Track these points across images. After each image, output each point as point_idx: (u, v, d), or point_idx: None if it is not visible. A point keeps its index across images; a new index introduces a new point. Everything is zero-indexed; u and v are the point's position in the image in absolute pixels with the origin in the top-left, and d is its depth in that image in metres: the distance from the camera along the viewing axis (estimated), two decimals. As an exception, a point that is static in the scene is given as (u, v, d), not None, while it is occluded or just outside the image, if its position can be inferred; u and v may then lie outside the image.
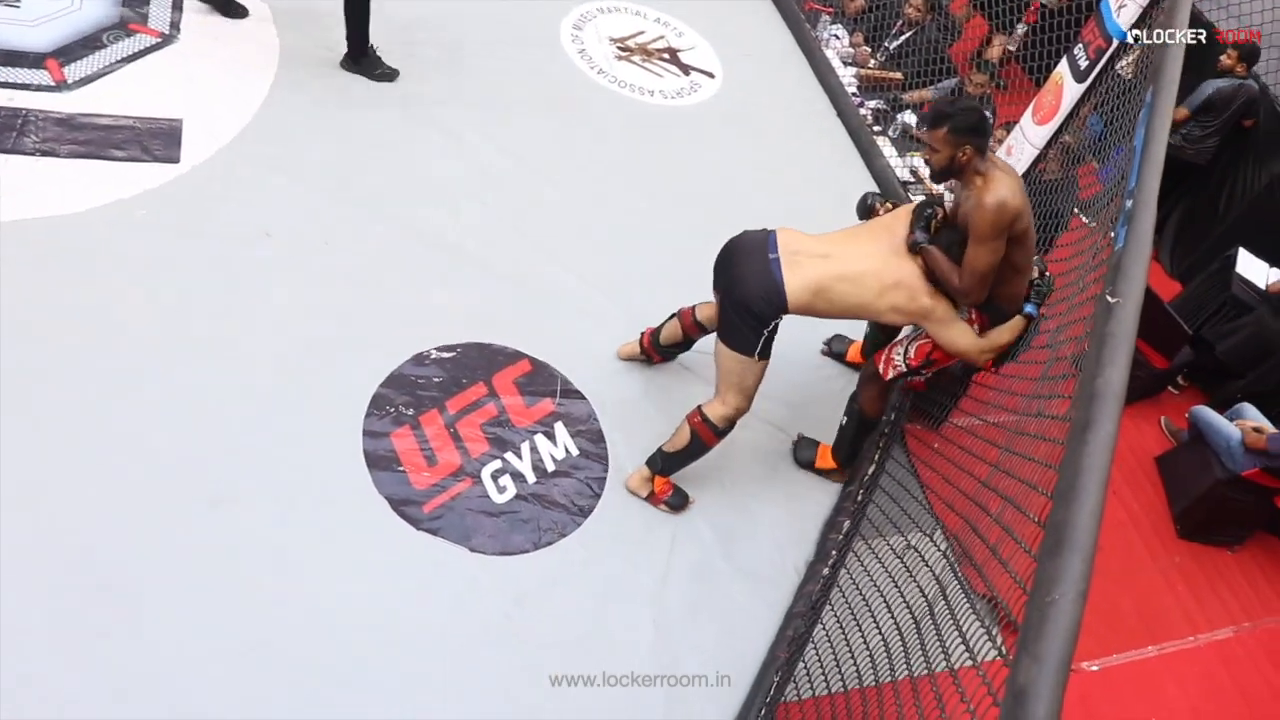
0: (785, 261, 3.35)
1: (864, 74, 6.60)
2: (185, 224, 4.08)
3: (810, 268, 3.35)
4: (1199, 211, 6.65)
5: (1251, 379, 5.61)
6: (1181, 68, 3.22)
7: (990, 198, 3.16)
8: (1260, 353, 5.56)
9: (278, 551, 3.23)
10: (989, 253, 3.22)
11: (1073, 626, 1.64)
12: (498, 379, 3.97)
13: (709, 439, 3.65)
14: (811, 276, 3.34)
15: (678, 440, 3.69)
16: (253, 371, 3.68)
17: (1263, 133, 6.28)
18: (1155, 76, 3.18)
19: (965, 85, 6.12)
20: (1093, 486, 1.87)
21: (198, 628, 2.98)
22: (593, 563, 3.55)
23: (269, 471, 3.42)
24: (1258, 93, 6.25)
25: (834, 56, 6.61)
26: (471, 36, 5.53)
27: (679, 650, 3.40)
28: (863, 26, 7.04)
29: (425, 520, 3.47)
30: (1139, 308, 2.34)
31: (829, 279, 3.35)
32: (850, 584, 3.50)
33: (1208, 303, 5.96)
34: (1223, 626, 4.78)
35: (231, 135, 4.52)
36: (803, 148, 5.77)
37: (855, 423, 3.95)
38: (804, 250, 3.40)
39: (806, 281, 3.34)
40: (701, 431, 3.63)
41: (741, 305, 3.39)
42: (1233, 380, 5.70)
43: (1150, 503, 5.28)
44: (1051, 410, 2.75)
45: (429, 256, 4.33)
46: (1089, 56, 4.15)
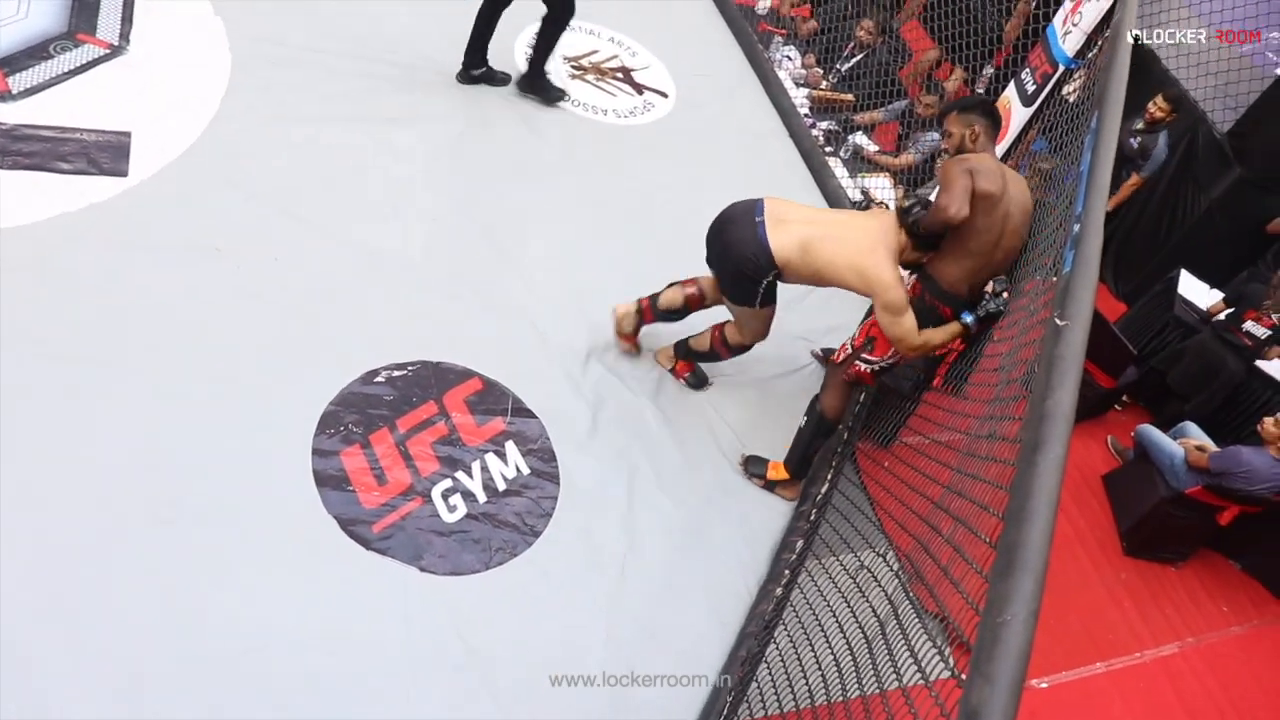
0: (770, 224, 3.66)
1: (816, 95, 6.67)
2: (133, 238, 4.01)
3: (796, 229, 3.66)
4: (1143, 234, 6.78)
5: (1198, 402, 5.73)
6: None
7: (970, 157, 3.48)
8: (1206, 376, 5.68)
9: (225, 571, 3.17)
10: (961, 177, 3.40)
11: (1024, 647, 1.65)
12: (448, 397, 3.94)
13: (723, 353, 4.17)
14: (797, 235, 3.65)
15: (700, 342, 4.22)
16: (201, 388, 3.62)
17: (1202, 159, 6.42)
18: (1100, 102, 3.23)
19: (915, 107, 6.19)
20: (1043, 508, 1.88)
21: (142, 647, 2.91)
22: (544, 582, 3.52)
23: (217, 490, 3.36)
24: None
25: (786, 78, 6.67)
26: (426, 54, 5.51)
27: (632, 671, 3.38)
28: (815, 48, 7.12)
29: (375, 540, 3.43)
30: (1087, 330, 2.37)
31: (815, 238, 3.64)
32: (803, 603, 3.51)
33: (1152, 323, 6.08)
34: (1168, 642, 4.85)
35: (182, 149, 4.45)
36: (755, 167, 5.80)
37: (812, 424, 4.01)
38: (790, 216, 3.71)
39: (793, 239, 3.64)
40: (718, 345, 4.16)
41: (735, 270, 3.75)
42: (1178, 402, 5.81)
43: (1097, 520, 5.36)
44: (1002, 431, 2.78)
45: (380, 274, 4.29)
46: (1036, 81, 4.22)
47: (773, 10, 7.33)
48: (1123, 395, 6.03)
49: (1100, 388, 5.68)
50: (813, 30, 7.24)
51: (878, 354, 3.80)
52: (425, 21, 5.73)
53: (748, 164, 5.81)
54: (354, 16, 5.52)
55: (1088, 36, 3.96)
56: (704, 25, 6.89)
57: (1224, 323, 5.70)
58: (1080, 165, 3.12)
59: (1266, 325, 5.57)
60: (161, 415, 3.49)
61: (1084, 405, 5.50)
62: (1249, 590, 5.32)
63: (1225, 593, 5.25)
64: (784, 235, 3.64)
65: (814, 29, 7.24)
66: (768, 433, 4.30)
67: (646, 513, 3.84)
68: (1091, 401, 5.72)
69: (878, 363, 3.81)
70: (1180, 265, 6.21)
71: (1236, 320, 5.64)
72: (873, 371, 3.86)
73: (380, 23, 5.59)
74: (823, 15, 7.29)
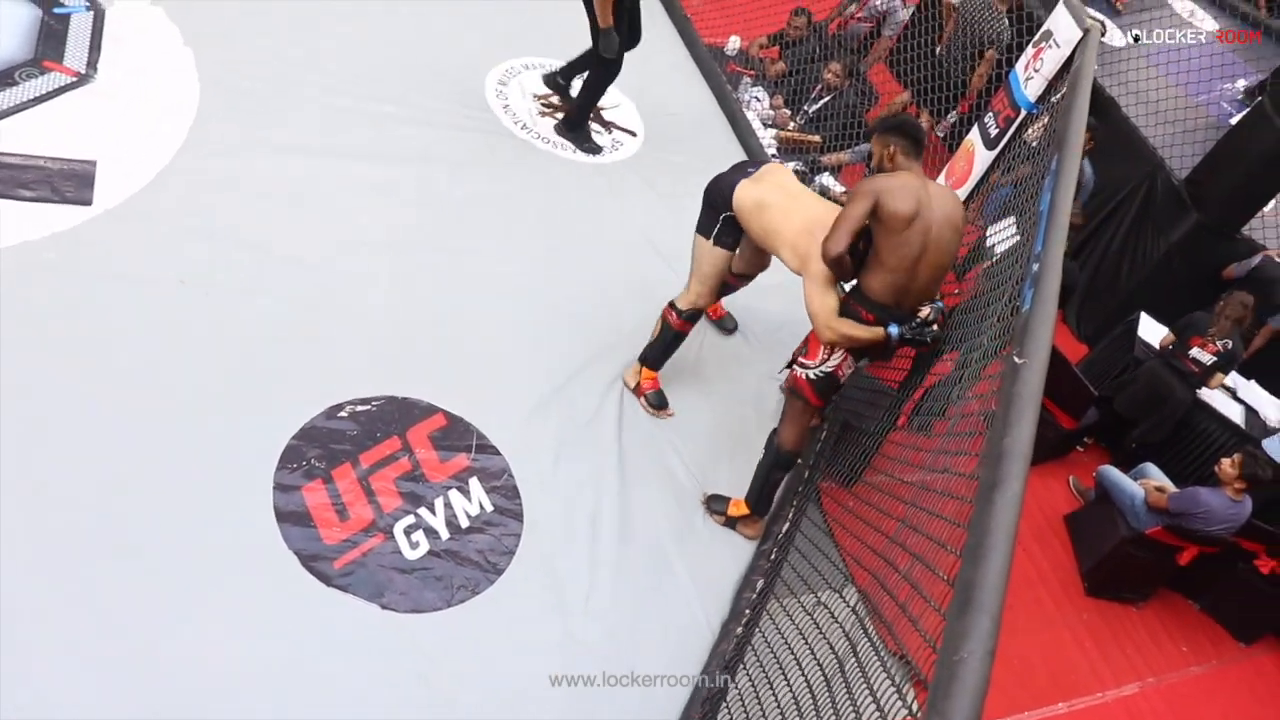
0: (751, 178, 3.93)
1: (783, 136, 6.74)
2: (96, 268, 3.97)
3: (764, 190, 3.88)
4: (1104, 277, 6.88)
5: (1146, 428, 5.81)
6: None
7: (879, 177, 3.58)
8: (1153, 401, 5.76)
9: (181, 607, 3.12)
10: (852, 208, 3.50)
11: (980, 685, 1.65)
12: (412, 433, 3.91)
13: (677, 325, 4.27)
14: (760, 193, 3.87)
15: (655, 331, 4.35)
16: (161, 420, 3.58)
17: (1161, 204, 6.54)
18: (1060, 145, 3.29)
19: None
20: (1000, 545, 1.90)
21: (93, 685, 2.86)
22: (506, 622, 3.49)
23: (174, 523, 3.31)
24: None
25: (754, 118, 6.73)
26: (396, 89, 5.52)
27: (594, 712, 3.35)
28: (783, 90, 7.20)
29: (336, 577, 3.39)
30: (1045, 368, 2.40)
31: (772, 203, 3.83)
32: (764, 643, 3.50)
33: (1113, 365, 6.16)
34: (1129, 682, 4.88)
35: (148, 178, 4.42)
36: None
37: (770, 457, 4.02)
38: (769, 180, 3.93)
39: (754, 194, 3.87)
40: (669, 316, 4.26)
41: (706, 199, 4.05)
42: (1132, 428, 5.89)
43: (1059, 560, 5.38)
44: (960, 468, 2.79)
45: (345, 308, 4.27)
46: (999, 125, 4.29)
47: (742, 52, 7.41)
48: (1084, 436, 6.09)
49: (1062, 428, 5.74)
50: (781, 72, 7.32)
51: (811, 356, 3.81)
52: (395, 55, 5.75)
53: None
54: (323, 50, 5.52)
55: (1049, 82, 4.04)
56: (673, 65, 6.95)
57: (1171, 351, 5.79)
58: (1040, 205, 3.17)
59: (1211, 351, 5.67)
60: (120, 448, 3.45)
61: (1046, 446, 5.64)
62: (1208, 630, 5.36)
63: (1185, 633, 5.29)
64: (751, 188, 3.89)
65: (782, 70, 7.32)
66: (730, 471, 4.30)
67: (609, 551, 3.82)
68: (1054, 442, 5.77)
69: (813, 367, 3.80)
70: (1140, 308, 6.30)
71: (1183, 347, 5.73)
72: (809, 380, 3.83)
73: (349, 56, 5.59)
74: (791, 58, 7.38)
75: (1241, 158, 6.12)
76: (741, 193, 3.89)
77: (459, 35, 6.15)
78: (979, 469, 2.30)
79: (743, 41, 7.46)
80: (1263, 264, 6.22)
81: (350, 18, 5.85)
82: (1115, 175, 6.82)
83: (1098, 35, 3.87)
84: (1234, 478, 4.90)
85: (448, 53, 5.97)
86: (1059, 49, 3.95)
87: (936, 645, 1.87)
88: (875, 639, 2.90)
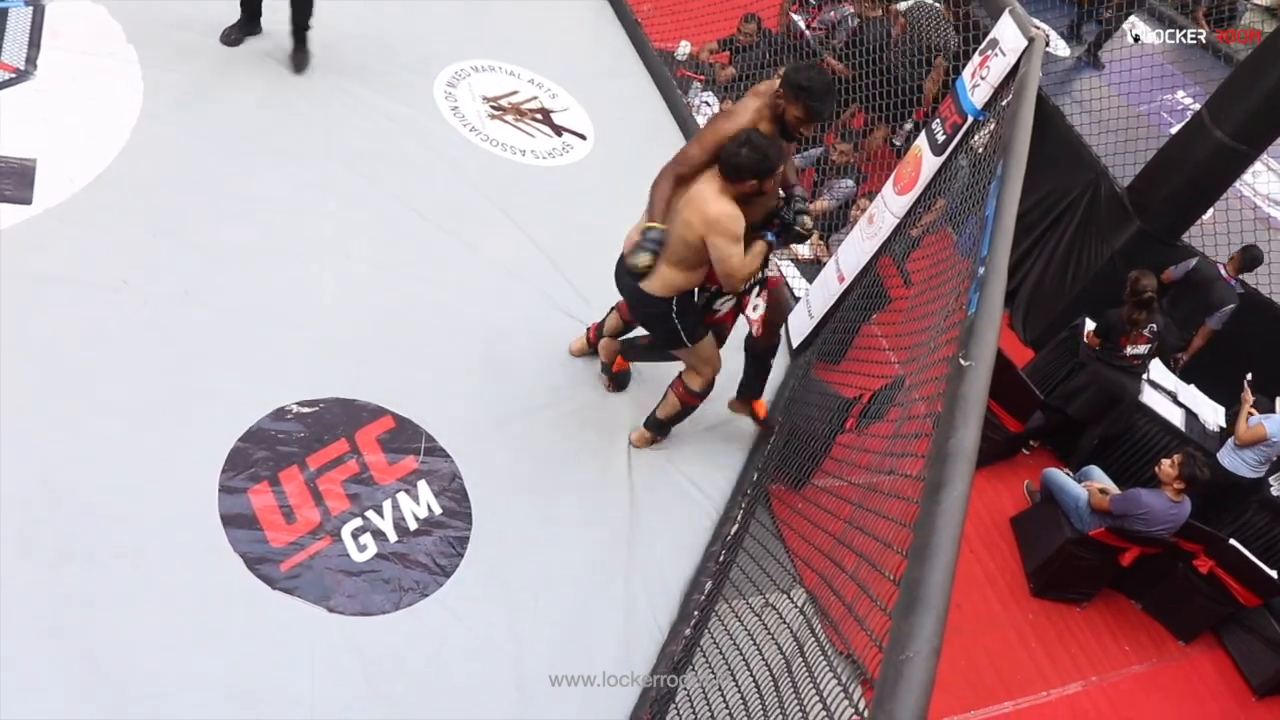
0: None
1: (734, 140, 6.75)
2: (36, 268, 3.89)
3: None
4: (1049, 282, 6.99)
5: (1106, 424, 5.92)
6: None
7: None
8: (1110, 401, 5.87)
9: (123, 613, 3.07)
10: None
11: (926, 684, 1.66)
12: (360, 435, 3.87)
13: (691, 402, 4.16)
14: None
15: (667, 407, 4.21)
16: (103, 423, 3.51)
17: (1104, 212, 6.66)
18: (1005, 151, 3.33)
19: (830, 154, 6.32)
20: (946, 545, 1.91)
21: (36, 689, 2.80)
22: (454, 624, 3.47)
23: (117, 527, 3.25)
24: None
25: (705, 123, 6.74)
26: (344, 91, 5.46)
27: (542, 712, 3.34)
28: (733, 94, 7.22)
29: (282, 579, 3.35)
30: (990, 371, 2.42)
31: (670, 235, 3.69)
32: (712, 644, 3.50)
33: (1058, 369, 6.25)
34: (1073, 681, 4.96)
35: (89, 177, 4.34)
36: (674, 210, 5.84)
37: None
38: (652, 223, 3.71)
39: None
40: (685, 399, 4.14)
41: (647, 316, 3.95)
42: (1090, 428, 5.99)
43: (1005, 561, 5.46)
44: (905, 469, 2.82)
45: (291, 309, 4.22)
46: (946, 131, 4.33)
47: (692, 56, 7.43)
48: (1030, 440, 6.17)
49: (1009, 432, 5.81)
50: (731, 77, 7.35)
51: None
52: (342, 56, 5.69)
53: (666, 206, 5.84)
54: (268, 50, 5.46)
55: (994, 90, 4.09)
56: (623, 69, 6.95)
57: (1105, 352, 5.90)
58: (986, 210, 3.21)
59: (1143, 342, 5.80)
60: (60, 451, 3.38)
61: (993, 448, 5.72)
62: (1149, 630, 5.46)
63: (1127, 632, 5.39)
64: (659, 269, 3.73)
65: (732, 75, 7.35)
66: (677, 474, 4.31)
67: (558, 553, 3.81)
68: (1000, 445, 5.85)
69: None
70: (1085, 313, 6.40)
71: (1117, 349, 5.84)
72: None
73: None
74: (741, 63, 7.42)
75: (1180, 167, 6.25)
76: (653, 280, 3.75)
77: (408, 37, 6.10)
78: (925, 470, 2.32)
79: (693, 47, 7.49)
80: (1198, 266, 6.36)
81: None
82: (1060, 183, 6.93)
83: (1042, 44, 3.93)
84: (1174, 478, 4.99)
85: (396, 54, 5.91)
86: (1005, 57, 3.99)
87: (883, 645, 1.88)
88: (823, 639, 2.92)
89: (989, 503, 5.72)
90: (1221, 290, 6.33)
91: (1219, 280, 6.33)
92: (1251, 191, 7.79)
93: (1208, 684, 5.33)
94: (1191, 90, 7.97)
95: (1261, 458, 5.71)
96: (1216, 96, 6.21)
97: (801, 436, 4.44)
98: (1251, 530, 5.85)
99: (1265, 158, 7.10)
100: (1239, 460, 5.71)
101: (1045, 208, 7.02)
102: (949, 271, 3.89)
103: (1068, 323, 6.52)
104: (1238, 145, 6.07)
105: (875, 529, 2.69)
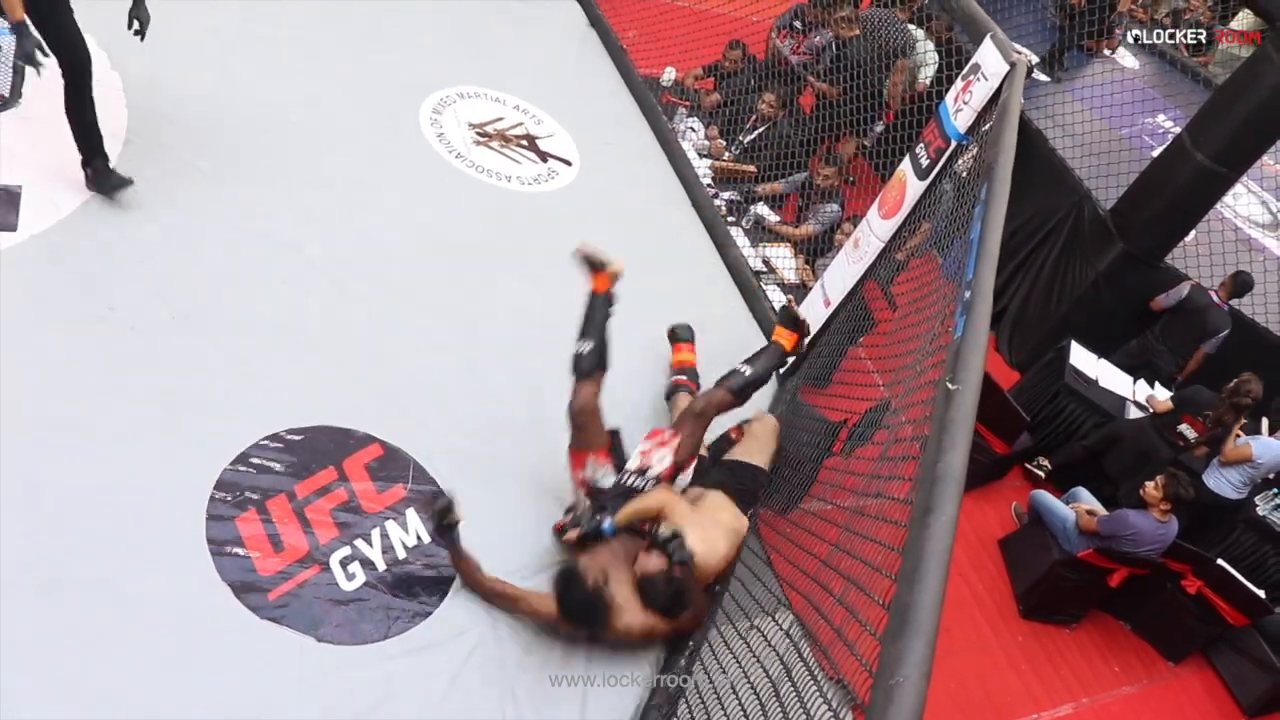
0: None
1: (718, 166, 6.80)
2: (21, 295, 3.87)
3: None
4: (1035, 305, 7.03)
5: (1127, 489, 5.89)
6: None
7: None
8: (1138, 464, 5.88)
9: (108, 642, 3.03)
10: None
11: (916, 708, 1.67)
12: (349, 463, 3.86)
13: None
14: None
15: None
16: (89, 451, 3.49)
17: (1088, 235, 6.71)
18: (989, 175, 3.36)
19: (814, 179, 6.35)
20: (934, 569, 1.92)
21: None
22: (444, 652, 3.45)
23: (103, 555, 3.22)
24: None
25: (690, 148, 6.78)
26: (330, 117, 5.48)
27: (533, 741, 3.32)
28: (718, 120, 7.27)
29: (269, 608, 3.33)
30: (978, 394, 2.43)
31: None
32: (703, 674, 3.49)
33: (1044, 391, 6.29)
34: (1063, 703, 4.96)
35: (75, 204, 4.32)
36: (658, 237, 5.85)
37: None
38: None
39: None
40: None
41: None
42: (1124, 483, 5.98)
43: (994, 583, 5.47)
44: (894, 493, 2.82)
45: (279, 337, 4.21)
46: (930, 156, 4.37)
47: (677, 82, 7.48)
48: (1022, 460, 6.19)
49: (996, 454, 5.83)
50: (716, 103, 7.40)
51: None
52: (327, 83, 5.71)
53: (651, 233, 5.86)
54: (253, 77, 5.47)
55: (977, 114, 4.13)
56: (609, 95, 6.99)
57: (1163, 421, 5.93)
58: (970, 234, 3.23)
59: (1199, 430, 5.83)
60: (46, 478, 3.35)
61: (980, 470, 5.73)
62: (1138, 650, 5.47)
63: (1116, 653, 5.39)
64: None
65: (717, 101, 7.40)
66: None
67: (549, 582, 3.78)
68: (987, 467, 5.87)
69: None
70: (1070, 335, 6.45)
71: (1175, 420, 5.88)
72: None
73: (279, 86, 5.55)
74: (726, 89, 7.47)
75: (1162, 190, 6.31)
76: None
77: (392, 64, 6.12)
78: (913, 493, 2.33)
79: (678, 73, 7.53)
80: (1191, 294, 6.41)
81: (280, 44, 5.81)
82: (1044, 206, 6.99)
83: (1024, 69, 3.97)
84: (1159, 499, 5.02)
85: (381, 81, 5.93)
86: (987, 82, 4.03)
87: (873, 669, 1.88)
88: (812, 664, 2.91)
89: (977, 525, 5.74)
90: (1215, 317, 6.40)
91: (1212, 307, 6.39)
92: (1233, 213, 7.87)
93: (1197, 705, 5.34)
94: (1172, 114, 8.07)
95: (1245, 479, 5.75)
96: (1197, 120, 6.29)
97: (790, 461, 4.44)
98: (1239, 550, 5.89)
99: (1245, 180, 7.19)
100: (1223, 481, 5.74)
101: (1030, 231, 7.08)
102: (934, 295, 3.91)
103: (1053, 345, 6.56)
104: (1218, 168, 6.15)
105: (864, 553, 2.69)
